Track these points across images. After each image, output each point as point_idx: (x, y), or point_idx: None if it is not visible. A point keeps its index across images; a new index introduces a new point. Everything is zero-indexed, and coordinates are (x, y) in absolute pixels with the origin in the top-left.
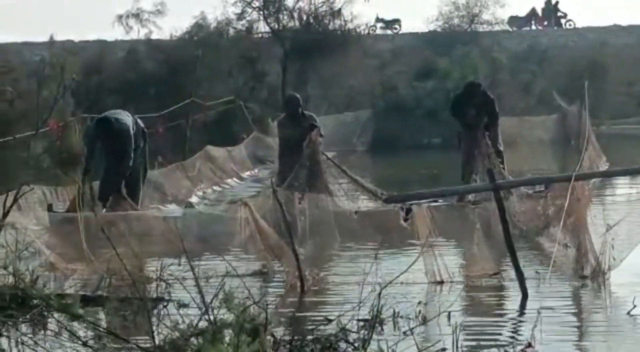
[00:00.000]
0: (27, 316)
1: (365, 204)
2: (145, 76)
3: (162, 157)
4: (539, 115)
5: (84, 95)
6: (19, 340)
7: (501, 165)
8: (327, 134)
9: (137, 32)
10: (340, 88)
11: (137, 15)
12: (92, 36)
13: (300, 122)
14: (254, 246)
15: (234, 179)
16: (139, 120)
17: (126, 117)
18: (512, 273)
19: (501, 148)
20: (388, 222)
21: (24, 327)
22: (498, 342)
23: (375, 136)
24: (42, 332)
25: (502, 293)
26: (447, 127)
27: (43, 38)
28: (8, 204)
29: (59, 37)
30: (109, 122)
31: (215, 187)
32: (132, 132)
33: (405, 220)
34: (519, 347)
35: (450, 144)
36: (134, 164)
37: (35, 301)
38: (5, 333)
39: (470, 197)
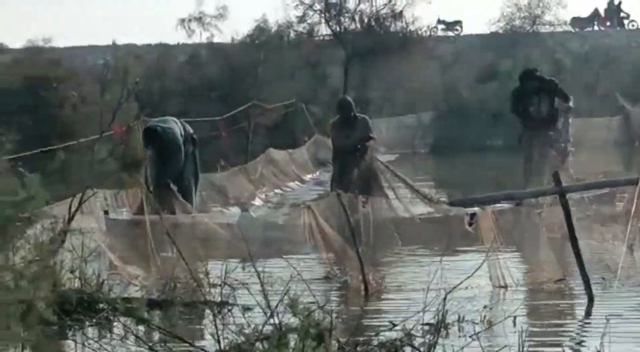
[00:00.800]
0: (94, 320)
1: (427, 208)
2: (208, 79)
3: (224, 160)
4: (603, 117)
5: (146, 98)
6: (86, 344)
7: (569, 160)
8: (388, 136)
9: (199, 36)
10: (402, 90)
11: (199, 19)
12: (154, 40)
13: (353, 125)
14: (318, 249)
15: (296, 182)
16: (187, 126)
17: (173, 124)
18: (578, 278)
19: (570, 144)
20: (451, 227)
21: (90, 331)
22: (564, 347)
23: (437, 138)
24: (108, 336)
25: (568, 298)
26: (510, 128)
27: (106, 42)
28: (73, 208)
29: (122, 41)
30: (155, 130)
31: (277, 190)
32: (180, 138)
33: (470, 224)
34: None
35: (513, 146)
36: (184, 170)
37: (101, 305)
38: (71, 337)
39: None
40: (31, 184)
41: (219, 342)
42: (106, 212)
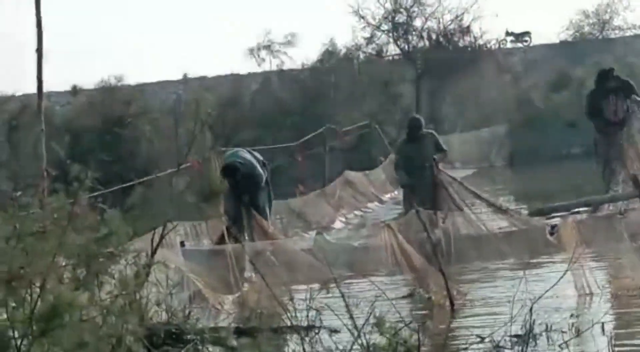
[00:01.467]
0: (183, 351)
1: (506, 222)
2: (280, 106)
3: (302, 185)
4: None
5: (220, 129)
6: None
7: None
8: (464, 151)
9: (269, 64)
10: (475, 105)
11: (268, 47)
12: (225, 71)
13: (420, 142)
14: (400, 268)
15: (375, 202)
16: (257, 154)
17: (247, 154)
18: None
19: None
20: (533, 238)
21: None
22: None
23: (513, 150)
24: None
25: None
26: (586, 136)
27: (177, 76)
28: (155, 241)
29: (193, 75)
30: (235, 167)
31: (356, 212)
32: (259, 168)
33: (552, 234)
34: None
35: (590, 153)
36: (258, 197)
37: (189, 336)
38: None
39: (611, 206)
40: (112, 219)
41: None
42: (182, 244)
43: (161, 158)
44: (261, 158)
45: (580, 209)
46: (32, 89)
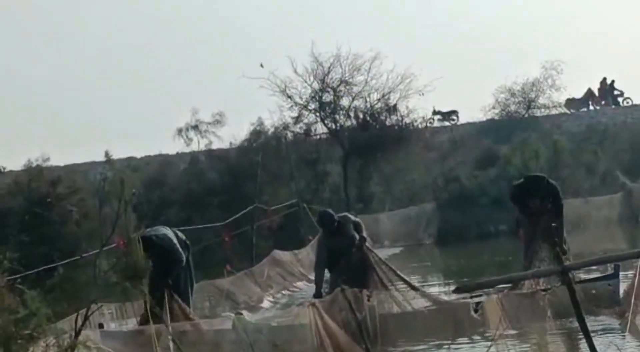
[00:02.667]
0: None
1: (429, 299)
2: (208, 186)
3: (229, 265)
4: (604, 195)
5: (147, 209)
6: None
7: (565, 252)
8: (392, 229)
9: (198, 144)
10: (403, 182)
11: (196, 127)
12: (153, 151)
13: (339, 232)
14: (326, 347)
15: (304, 281)
16: (179, 233)
17: (166, 232)
18: None
19: (566, 238)
20: (457, 315)
21: None
22: None
23: (441, 228)
24: None
25: None
26: (512, 214)
27: (105, 157)
28: (79, 322)
29: (122, 155)
30: (151, 239)
31: (284, 292)
32: (176, 244)
33: (476, 311)
34: None
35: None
36: (180, 277)
37: None
38: None
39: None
40: (31, 300)
41: None
42: (101, 326)
43: (87, 239)
44: (184, 238)
45: (505, 285)
46: None
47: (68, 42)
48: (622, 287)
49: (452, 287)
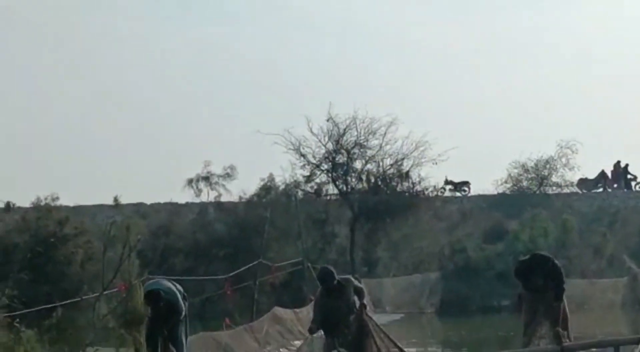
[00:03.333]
0: None
1: None
2: (215, 237)
3: (229, 319)
4: (610, 277)
5: (151, 256)
6: None
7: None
8: (395, 295)
9: (207, 195)
10: (410, 249)
11: (206, 178)
12: (163, 199)
13: (338, 292)
14: None
15: (302, 340)
16: (177, 285)
17: (170, 285)
18: None
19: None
20: None
21: None
22: None
23: (444, 298)
24: None
25: None
26: (516, 288)
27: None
28: None
29: (132, 200)
30: (159, 294)
31: (282, 349)
32: (180, 300)
33: None
34: None
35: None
36: (175, 328)
37: None
38: None
39: None
40: (27, 339)
41: None
42: None
43: (90, 281)
44: (182, 290)
45: None
46: None
47: (86, 84)
48: None
49: None
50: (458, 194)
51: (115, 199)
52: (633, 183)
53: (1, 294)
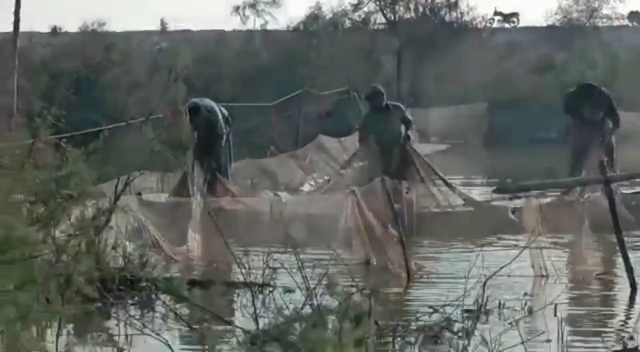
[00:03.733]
0: (135, 298)
1: (468, 200)
2: (260, 66)
3: (274, 146)
4: None
5: (198, 83)
6: (127, 321)
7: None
8: (441, 125)
9: (254, 22)
10: (456, 80)
11: (253, 6)
12: (210, 26)
13: (386, 114)
14: (360, 234)
15: (347, 169)
16: (222, 109)
17: (213, 105)
18: (621, 268)
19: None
20: (495, 217)
21: (132, 310)
22: (604, 336)
23: (489, 129)
24: (150, 314)
25: (611, 287)
26: (564, 121)
27: (160, 27)
28: (119, 188)
29: (178, 27)
30: (199, 109)
31: (326, 177)
32: (220, 120)
33: (513, 212)
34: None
35: (565, 139)
36: (221, 151)
37: (143, 284)
38: (113, 314)
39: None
40: (74, 160)
41: (257, 322)
42: (139, 194)
43: (136, 108)
44: (227, 114)
45: (545, 191)
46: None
47: None
48: None
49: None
50: (507, 25)
51: (162, 23)
52: None
53: (47, 112)
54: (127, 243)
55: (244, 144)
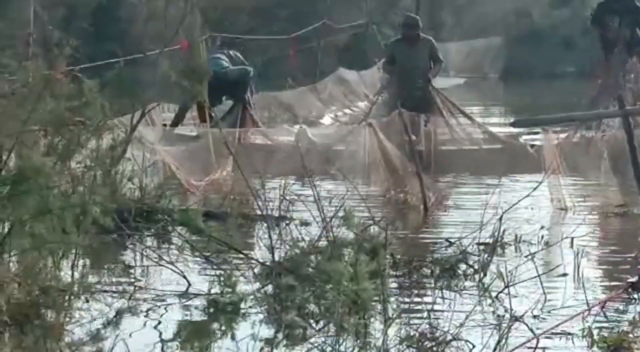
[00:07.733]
0: (152, 230)
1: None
2: None
3: (292, 79)
4: None
5: (212, 14)
6: (143, 252)
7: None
8: (458, 60)
9: None
10: (474, 14)
11: None
12: None
13: (415, 45)
14: (377, 167)
15: (365, 102)
16: (231, 54)
17: (228, 63)
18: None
19: None
20: (514, 151)
21: (148, 241)
22: (620, 270)
23: (507, 64)
24: (166, 246)
25: (629, 221)
26: (582, 56)
27: None
28: (135, 119)
29: None
30: (226, 74)
31: (346, 110)
32: (245, 75)
33: (532, 146)
34: None
35: (585, 73)
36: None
37: (159, 215)
38: (130, 245)
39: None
40: (89, 90)
41: (273, 254)
42: (164, 125)
43: (152, 40)
44: (241, 58)
45: (564, 125)
46: None
47: None
48: None
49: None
50: None
51: None
52: None
53: (66, 43)
54: (144, 175)
55: (261, 77)
